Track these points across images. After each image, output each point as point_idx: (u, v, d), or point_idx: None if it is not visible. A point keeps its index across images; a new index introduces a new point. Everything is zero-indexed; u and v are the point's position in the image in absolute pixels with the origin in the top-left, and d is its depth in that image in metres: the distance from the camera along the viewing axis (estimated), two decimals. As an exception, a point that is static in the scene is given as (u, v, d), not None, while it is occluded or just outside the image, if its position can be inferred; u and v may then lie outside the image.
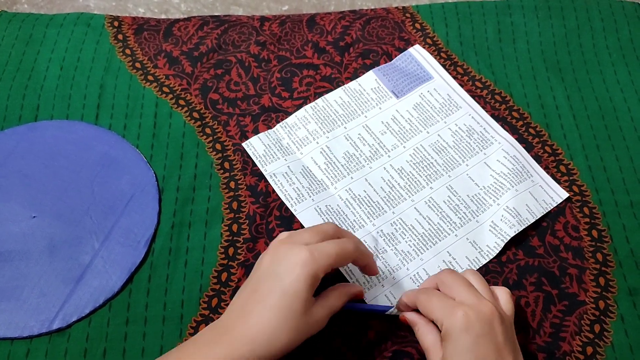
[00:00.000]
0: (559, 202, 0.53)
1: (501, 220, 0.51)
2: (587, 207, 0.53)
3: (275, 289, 0.39)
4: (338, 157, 0.55)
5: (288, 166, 0.55)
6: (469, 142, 0.56)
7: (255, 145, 0.56)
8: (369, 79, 0.60)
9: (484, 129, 0.57)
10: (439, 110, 0.58)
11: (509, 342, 0.40)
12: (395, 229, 0.52)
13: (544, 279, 0.49)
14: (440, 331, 0.40)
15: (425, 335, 0.42)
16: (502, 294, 0.43)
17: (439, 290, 0.43)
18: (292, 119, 0.58)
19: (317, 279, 0.40)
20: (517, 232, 0.50)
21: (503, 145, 0.55)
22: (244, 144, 0.56)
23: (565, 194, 0.53)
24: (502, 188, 0.53)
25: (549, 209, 0.52)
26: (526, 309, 0.48)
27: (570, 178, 0.54)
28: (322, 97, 0.59)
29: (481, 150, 0.56)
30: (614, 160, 0.55)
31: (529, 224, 0.51)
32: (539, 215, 0.51)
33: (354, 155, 0.56)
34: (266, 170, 0.54)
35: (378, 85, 0.60)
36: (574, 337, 0.46)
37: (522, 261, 0.50)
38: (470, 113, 0.58)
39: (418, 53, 0.62)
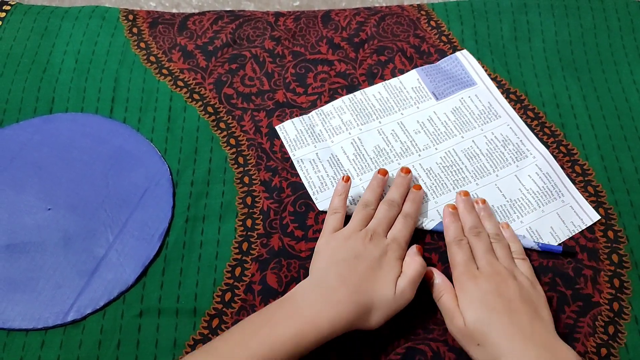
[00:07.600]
0: (588, 225, 0.51)
1: (522, 239, 0.50)
2: (602, 207, 0.52)
3: None
4: (368, 150, 0.55)
5: (316, 153, 0.55)
6: (502, 153, 0.55)
7: (288, 130, 0.56)
8: (411, 78, 0.60)
9: (521, 141, 0.56)
10: (477, 117, 0.57)
11: (524, 302, 0.43)
12: None
13: (558, 279, 0.49)
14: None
15: (448, 302, 0.45)
16: (522, 265, 0.47)
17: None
18: (329, 107, 0.58)
19: None
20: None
21: (537, 161, 0.54)
22: (277, 127, 0.56)
23: (596, 217, 0.51)
24: (528, 206, 0.52)
25: (576, 232, 0.51)
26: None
27: (586, 179, 0.54)
28: (361, 90, 0.59)
29: (514, 162, 0.55)
30: (630, 160, 0.55)
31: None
32: (563, 239, 0.50)
33: (384, 150, 0.56)
34: (294, 155, 0.55)
35: (419, 84, 0.59)
36: (587, 338, 0.46)
37: (536, 262, 0.50)
38: (508, 123, 0.57)
39: (464, 58, 0.61)
